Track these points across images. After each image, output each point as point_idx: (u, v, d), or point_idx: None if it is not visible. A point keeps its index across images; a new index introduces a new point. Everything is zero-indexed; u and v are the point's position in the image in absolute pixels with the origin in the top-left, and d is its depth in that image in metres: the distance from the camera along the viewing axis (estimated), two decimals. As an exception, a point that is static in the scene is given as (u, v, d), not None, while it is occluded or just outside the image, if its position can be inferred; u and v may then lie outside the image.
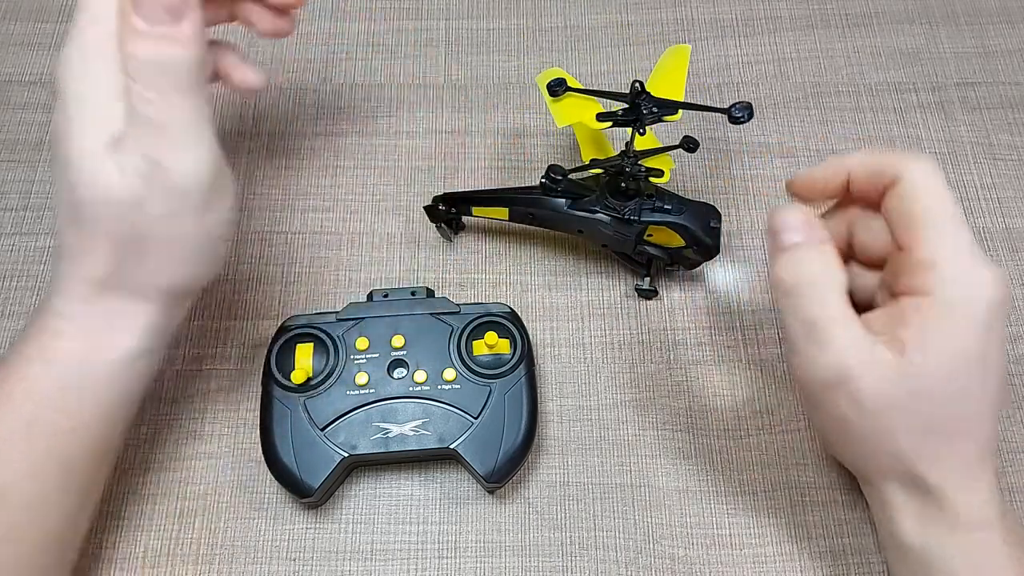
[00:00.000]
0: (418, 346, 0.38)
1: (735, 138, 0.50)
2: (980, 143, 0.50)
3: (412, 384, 0.37)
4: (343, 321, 0.39)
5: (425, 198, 0.46)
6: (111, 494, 0.40)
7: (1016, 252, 0.47)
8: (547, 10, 0.54)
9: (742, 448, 0.41)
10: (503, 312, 0.39)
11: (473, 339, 0.38)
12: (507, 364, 0.38)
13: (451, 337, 0.38)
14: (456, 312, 0.39)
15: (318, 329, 0.38)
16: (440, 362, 0.38)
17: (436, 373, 0.37)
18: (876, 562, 0.39)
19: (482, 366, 0.38)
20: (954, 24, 0.54)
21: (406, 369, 0.38)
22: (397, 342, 0.38)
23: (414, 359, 0.38)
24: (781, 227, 0.31)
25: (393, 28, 0.53)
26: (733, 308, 0.45)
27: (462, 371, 0.38)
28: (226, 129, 0.49)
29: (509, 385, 0.38)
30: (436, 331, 0.38)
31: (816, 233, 0.31)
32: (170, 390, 0.42)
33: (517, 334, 0.39)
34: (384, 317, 0.39)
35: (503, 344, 0.38)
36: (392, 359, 0.38)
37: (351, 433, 0.36)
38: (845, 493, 0.40)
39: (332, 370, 0.37)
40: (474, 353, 0.38)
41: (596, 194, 0.41)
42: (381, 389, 0.37)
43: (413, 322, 0.39)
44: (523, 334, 0.39)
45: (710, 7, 0.55)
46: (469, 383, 0.37)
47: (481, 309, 0.39)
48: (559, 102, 0.40)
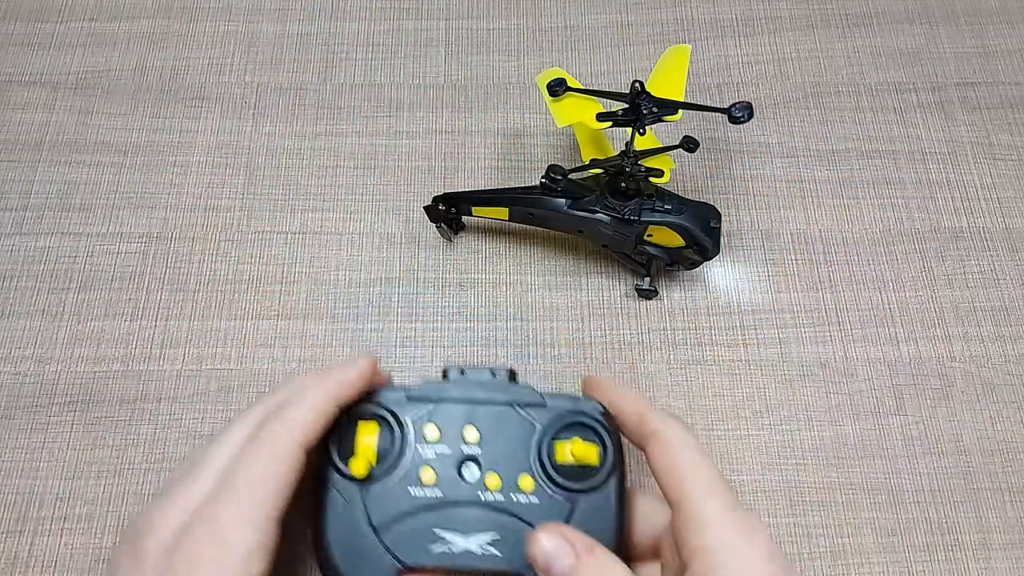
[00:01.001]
0: (494, 443, 0.33)
1: (735, 138, 0.50)
2: (980, 143, 0.50)
3: (483, 489, 0.32)
4: (413, 401, 0.34)
5: (425, 198, 0.46)
6: (111, 494, 0.40)
7: (1016, 252, 0.47)
8: (547, 10, 0.54)
9: (742, 448, 0.41)
10: (594, 412, 0.33)
11: (557, 440, 0.33)
12: (594, 476, 0.32)
13: (532, 437, 0.33)
14: (540, 405, 0.34)
15: (384, 408, 0.33)
16: (517, 466, 0.32)
17: (511, 479, 0.32)
18: (876, 562, 0.39)
19: (565, 476, 0.32)
20: (954, 24, 0.54)
21: (478, 469, 0.33)
22: (470, 435, 0.33)
23: (488, 458, 0.33)
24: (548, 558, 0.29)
25: (393, 28, 0.53)
26: (733, 308, 0.45)
27: (541, 480, 0.32)
28: (226, 129, 0.49)
29: (595, 503, 0.32)
30: (515, 427, 0.33)
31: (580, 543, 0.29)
32: (170, 390, 0.42)
33: (608, 441, 0.33)
34: (458, 403, 0.34)
35: (591, 452, 0.33)
36: (463, 456, 0.33)
37: (410, 540, 0.32)
38: (845, 493, 0.41)
39: (396, 460, 0.33)
40: (557, 459, 0.33)
41: (596, 194, 0.40)
42: (448, 491, 0.32)
43: (490, 413, 0.33)
44: (615, 441, 0.33)
45: (710, 7, 0.55)
46: (548, 495, 0.32)
47: (569, 404, 0.33)
48: (559, 102, 0.40)
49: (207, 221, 0.47)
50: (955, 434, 0.42)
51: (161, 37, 0.53)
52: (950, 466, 0.41)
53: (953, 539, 0.40)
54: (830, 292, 0.45)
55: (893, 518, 0.40)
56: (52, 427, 0.41)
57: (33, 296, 0.45)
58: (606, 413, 0.34)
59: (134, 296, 0.45)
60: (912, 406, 0.43)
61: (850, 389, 0.43)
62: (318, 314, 0.44)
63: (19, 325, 0.44)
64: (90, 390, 0.42)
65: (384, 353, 0.43)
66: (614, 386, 0.34)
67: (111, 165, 0.48)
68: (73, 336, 0.44)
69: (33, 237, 0.46)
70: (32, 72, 0.51)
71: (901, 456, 0.42)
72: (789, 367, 0.44)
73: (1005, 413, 0.43)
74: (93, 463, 0.41)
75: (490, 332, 0.44)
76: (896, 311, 0.45)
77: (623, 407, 0.33)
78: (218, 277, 0.45)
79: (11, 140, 0.49)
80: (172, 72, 0.51)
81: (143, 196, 0.47)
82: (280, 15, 0.54)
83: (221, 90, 0.51)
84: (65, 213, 0.47)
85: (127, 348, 0.43)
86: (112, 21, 0.53)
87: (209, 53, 0.52)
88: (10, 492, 0.40)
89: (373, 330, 0.44)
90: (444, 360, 0.43)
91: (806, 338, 0.44)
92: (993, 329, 0.45)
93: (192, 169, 0.48)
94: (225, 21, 0.53)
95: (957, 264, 0.46)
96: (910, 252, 0.47)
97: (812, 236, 0.47)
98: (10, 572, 0.38)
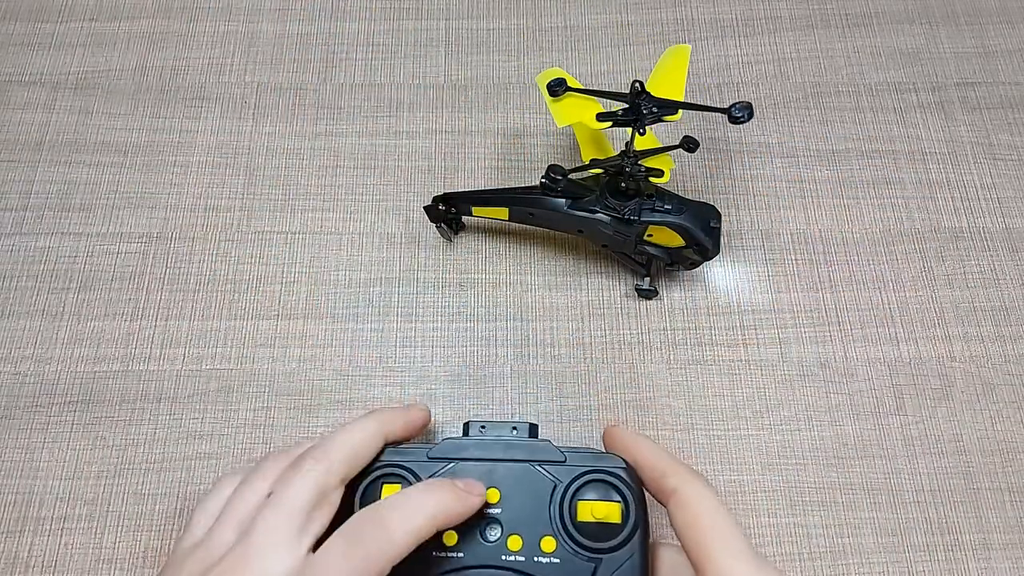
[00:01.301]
0: (515, 503, 0.33)
1: (735, 138, 0.50)
2: (980, 143, 0.50)
3: (505, 552, 0.32)
4: (435, 461, 0.33)
5: (425, 198, 0.46)
6: (111, 494, 0.40)
7: (1016, 252, 0.47)
8: (547, 10, 0.54)
9: (742, 448, 0.41)
10: (615, 468, 0.33)
11: (578, 499, 0.32)
12: (618, 535, 0.32)
13: (552, 496, 0.32)
14: (561, 462, 0.33)
15: (406, 469, 0.33)
16: (538, 527, 0.32)
17: (533, 541, 0.32)
18: (876, 562, 0.39)
19: (587, 536, 0.32)
20: (954, 24, 0.54)
21: (500, 531, 0.32)
22: (492, 496, 0.33)
23: (509, 520, 0.32)
24: None
25: (393, 28, 0.53)
26: (733, 308, 0.45)
27: (563, 540, 0.32)
28: (226, 129, 0.49)
29: (618, 563, 0.31)
30: (536, 485, 0.33)
31: None
32: (170, 390, 0.42)
33: (631, 497, 0.32)
34: (479, 462, 0.33)
35: (613, 511, 0.32)
36: (485, 518, 0.32)
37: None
38: (845, 493, 0.41)
39: None
40: (578, 518, 0.32)
41: (596, 194, 0.40)
42: (470, 554, 0.32)
43: (511, 472, 0.33)
44: (637, 497, 0.32)
45: (710, 7, 0.55)
46: (571, 556, 0.31)
47: (589, 460, 0.33)
48: (559, 102, 0.40)
49: (207, 221, 0.47)
50: (955, 434, 0.42)
51: (161, 37, 0.53)
52: (950, 466, 0.41)
53: (953, 539, 0.40)
54: (830, 292, 0.45)
55: (893, 518, 0.40)
56: (52, 427, 0.41)
57: (33, 296, 0.45)
58: (628, 468, 0.33)
59: (134, 296, 0.45)
60: (912, 406, 0.43)
61: (850, 389, 0.43)
62: (318, 314, 0.44)
63: (19, 325, 0.44)
64: (90, 390, 0.42)
65: (384, 353, 0.43)
66: (636, 438, 0.34)
67: (111, 165, 0.48)
68: (73, 336, 0.44)
69: (33, 237, 0.46)
70: (32, 72, 0.51)
71: (901, 456, 0.42)
72: (789, 367, 0.44)
73: (1005, 413, 0.43)
74: (93, 463, 0.41)
75: (490, 332, 0.44)
76: (896, 311, 0.45)
77: (644, 461, 0.32)
78: (218, 277, 0.45)
79: (11, 140, 0.49)
80: (172, 72, 0.51)
81: (143, 196, 0.47)
82: (280, 15, 0.54)
83: (221, 90, 0.51)
84: (65, 213, 0.47)
85: (127, 348, 0.43)
86: (112, 21, 0.53)
87: (209, 53, 0.52)
88: (10, 492, 0.40)
89: (373, 330, 0.44)
90: (446, 359, 0.43)
91: (806, 338, 0.44)
92: (993, 329, 0.45)
93: (192, 169, 0.48)
94: (225, 21, 0.53)
95: (957, 264, 0.46)
96: (910, 252, 0.47)
97: (812, 236, 0.47)
98: (10, 572, 0.38)
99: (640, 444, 0.33)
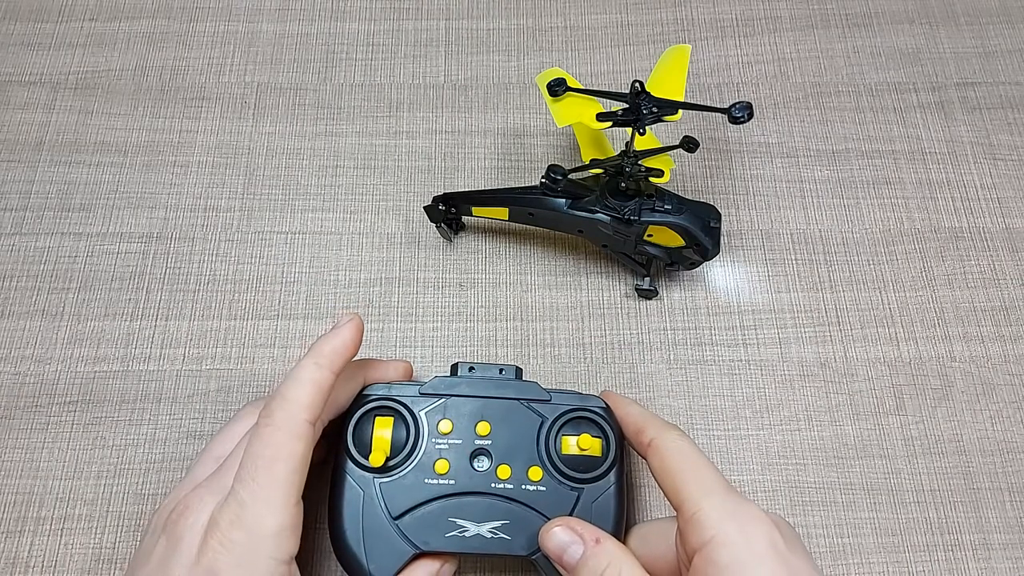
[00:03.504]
0: (503, 436, 0.35)
1: (735, 138, 0.50)
2: (980, 143, 0.50)
3: (495, 479, 0.34)
4: (426, 396, 0.36)
5: (425, 198, 0.46)
6: (111, 494, 0.40)
7: (1016, 252, 0.47)
8: (547, 10, 0.54)
9: (742, 448, 0.41)
10: (597, 407, 0.36)
11: (563, 434, 0.35)
12: (598, 468, 0.35)
13: (539, 431, 0.35)
14: (546, 400, 0.36)
15: (398, 403, 0.35)
16: (526, 458, 0.35)
17: (521, 470, 0.34)
18: (876, 562, 0.39)
19: (571, 467, 0.35)
20: (954, 24, 0.54)
21: (489, 461, 0.35)
22: (482, 429, 0.35)
23: (498, 451, 0.35)
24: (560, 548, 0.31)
25: (393, 28, 0.53)
26: (733, 308, 0.45)
27: (549, 471, 0.35)
28: (226, 129, 0.49)
29: (598, 492, 0.34)
30: (523, 421, 0.35)
31: (588, 531, 0.31)
32: (170, 390, 0.42)
33: (611, 433, 0.35)
34: (470, 398, 0.36)
35: (595, 445, 0.35)
36: (475, 448, 0.35)
37: (425, 526, 0.34)
38: (845, 493, 0.41)
39: (411, 452, 0.35)
40: (563, 451, 0.35)
41: (596, 194, 0.40)
42: (461, 481, 0.34)
43: (500, 408, 0.35)
44: (616, 434, 0.35)
45: (710, 7, 0.55)
46: (555, 485, 0.34)
47: (573, 400, 0.36)
48: (559, 102, 0.40)
49: (207, 221, 0.47)
50: (955, 434, 0.42)
51: (161, 37, 0.53)
52: (950, 466, 0.41)
53: (953, 539, 0.40)
54: (830, 292, 0.45)
55: (893, 518, 0.40)
56: (52, 427, 0.41)
57: (33, 296, 0.45)
58: (607, 408, 0.36)
59: (134, 296, 0.45)
60: (912, 406, 0.43)
61: (850, 389, 0.43)
62: (318, 314, 0.44)
63: (19, 325, 0.44)
64: (90, 390, 0.42)
65: (384, 353, 0.43)
66: (623, 400, 0.36)
67: (111, 165, 0.48)
68: (73, 336, 0.44)
69: (33, 237, 0.46)
70: (32, 72, 0.51)
71: (901, 456, 0.42)
72: (789, 367, 0.44)
73: (1005, 413, 0.43)
74: (93, 463, 0.41)
75: (490, 332, 0.44)
76: (896, 311, 0.45)
77: (626, 418, 0.35)
78: (218, 277, 0.45)
79: (11, 140, 0.49)
80: (172, 72, 0.51)
81: (143, 196, 0.47)
82: (280, 15, 0.54)
83: (221, 90, 0.51)
84: (65, 213, 0.47)
85: (127, 348, 0.43)
86: (112, 21, 0.53)
87: (209, 53, 0.52)
88: (10, 492, 0.40)
89: (373, 330, 0.44)
90: (446, 359, 0.43)
91: (806, 338, 0.44)
92: (993, 329, 0.45)
93: (192, 169, 0.48)
94: (225, 21, 0.53)
95: (957, 264, 0.46)
96: (910, 252, 0.47)
97: (812, 236, 0.47)
98: (10, 572, 0.38)
99: (626, 404, 0.36)
